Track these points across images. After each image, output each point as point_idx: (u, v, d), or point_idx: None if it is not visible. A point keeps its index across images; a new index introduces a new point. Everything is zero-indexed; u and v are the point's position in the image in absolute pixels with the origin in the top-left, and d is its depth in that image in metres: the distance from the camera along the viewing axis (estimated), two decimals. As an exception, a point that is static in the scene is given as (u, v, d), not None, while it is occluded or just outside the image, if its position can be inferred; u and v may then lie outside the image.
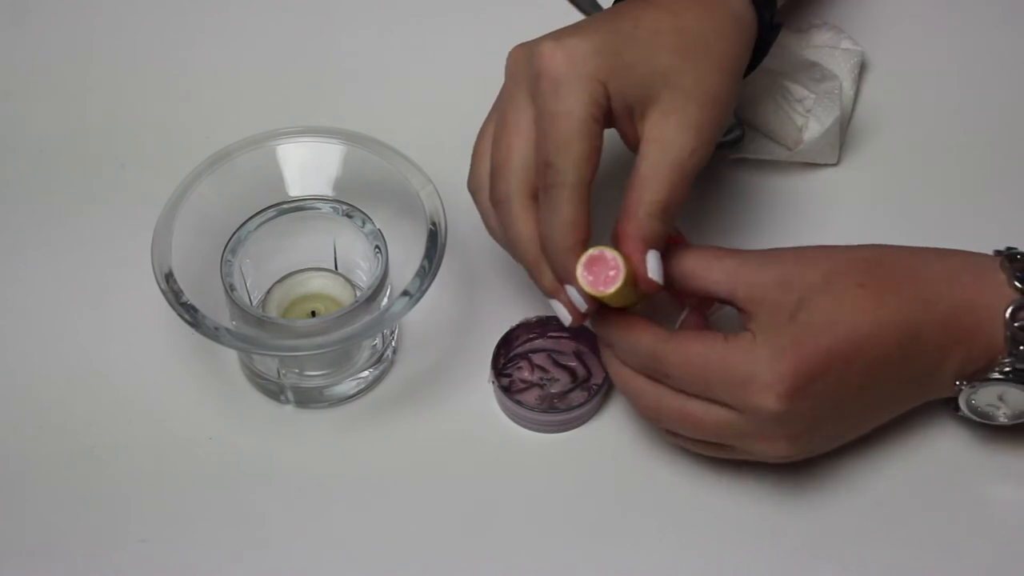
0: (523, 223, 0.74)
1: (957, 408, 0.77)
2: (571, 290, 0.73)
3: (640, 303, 0.76)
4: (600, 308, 0.74)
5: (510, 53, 0.76)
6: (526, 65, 0.75)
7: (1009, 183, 0.90)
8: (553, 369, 0.83)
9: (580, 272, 0.72)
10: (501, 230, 0.76)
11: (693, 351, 0.73)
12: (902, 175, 0.90)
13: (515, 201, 0.74)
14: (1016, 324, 0.74)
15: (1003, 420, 0.77)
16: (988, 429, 0.79)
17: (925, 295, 0.74)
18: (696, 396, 0.74)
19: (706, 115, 0.74)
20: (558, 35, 0.75)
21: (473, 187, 0.78)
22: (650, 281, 0.73)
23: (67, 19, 0.97)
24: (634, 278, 0.72)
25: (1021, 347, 0.74)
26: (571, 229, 0.72)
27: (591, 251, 0.72)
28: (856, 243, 0.77)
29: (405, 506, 0.79)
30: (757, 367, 0.72)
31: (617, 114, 0.74)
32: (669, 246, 0.75)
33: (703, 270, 0.75)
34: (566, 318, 0.74)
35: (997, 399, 0.76)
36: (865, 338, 0.73)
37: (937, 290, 0.74)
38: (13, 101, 0.94)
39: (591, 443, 0.81)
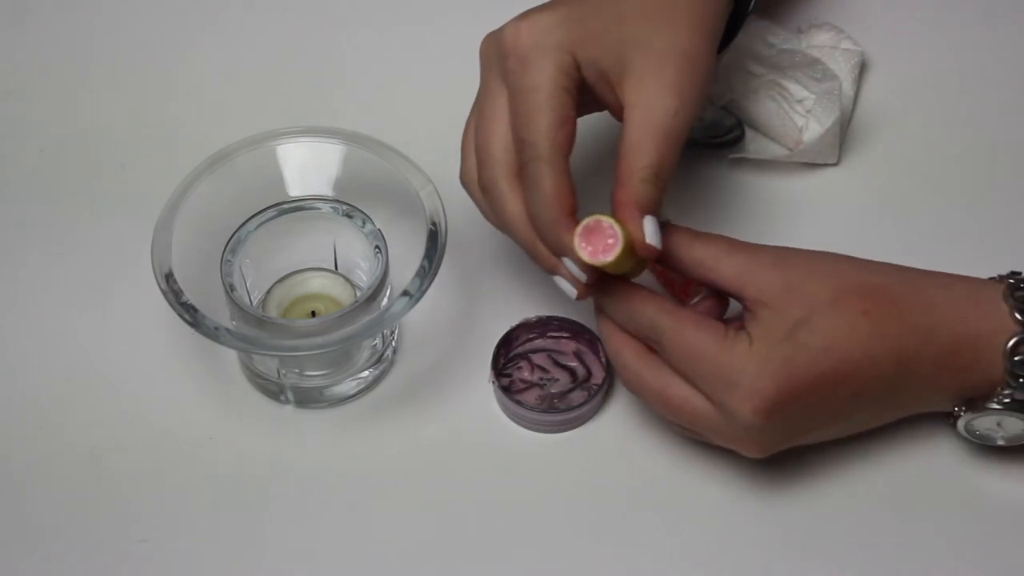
0: (513, 205, 0.74)
1: (953, 425, 0.77)
2: (567, 262, 0.73)
3: (638, 272, 0.76)
4: (603, 277, 0.74)
5: (481, 43, 0.77)
6: (495, 50, 0.75)
7: (1009, 183, 0.90)
8: (553, 369, 0.83)
9: (578, 243, 0.71)
10: (496, 216, 0.76)
11: (690, 337, 0.73)
12: (902, 175, 0.90)
13: (501, 185, 0.74)
14: (1016, 358, 0.73)
15: (1000, 443, 0.77)
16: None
17: (926, 325, 0.74)
18: (681, 377, 0.74)
19: (684, 75, 0.74)
20: (523, 14, 0.75)
21: (465, 179, 0.78)
22: (648, 246, 0.72)
23: (67, 19, 0.97)
24: (632, 245, 0.72)
25: (1020, 379, 0.74)
26: (555, 200, 0.72)
27: (587, 220, 0.72)
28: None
29: (405, 506, 0.79)
30: (743, 376, 0.72)
31: (591, 82, 0.74)
32: (676, 230, 0.75)
33: (713, 261, 0.75)
34: (571, 292, 0.74)
35: (995, 424, 0.76)
36: (856, 367, 0.73)
37: (938, 322, 0.74)
38: (13, 101, 0.94)
39: (591, 443, 0.81)
